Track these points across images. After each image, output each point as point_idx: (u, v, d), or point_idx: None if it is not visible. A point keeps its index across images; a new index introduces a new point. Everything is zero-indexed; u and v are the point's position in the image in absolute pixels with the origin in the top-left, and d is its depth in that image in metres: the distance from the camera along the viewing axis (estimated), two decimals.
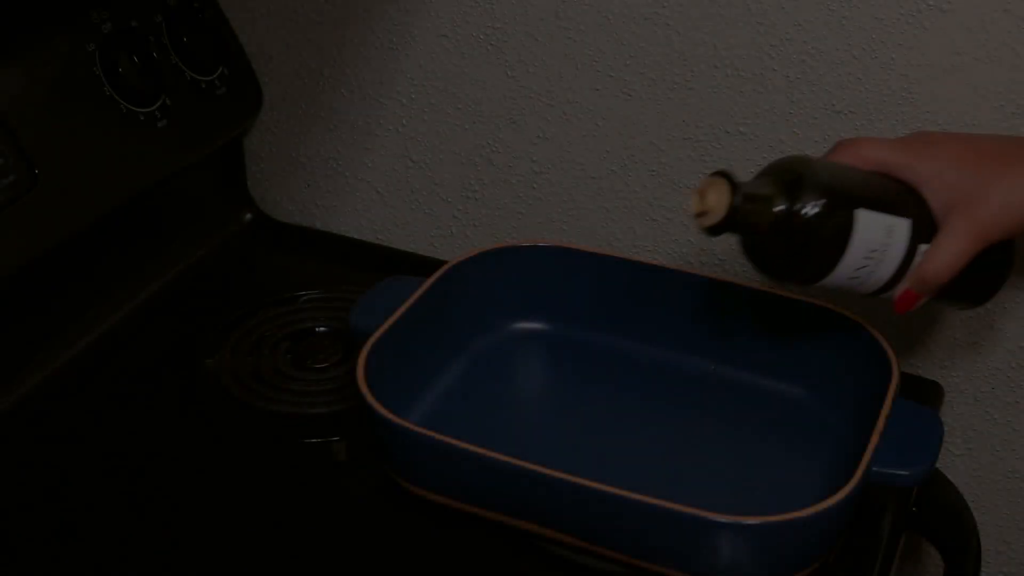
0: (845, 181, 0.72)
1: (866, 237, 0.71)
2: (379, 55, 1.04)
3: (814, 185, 0.71)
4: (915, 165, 0.73)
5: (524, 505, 0.76)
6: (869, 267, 0.73)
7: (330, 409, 0.90)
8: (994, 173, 0.71)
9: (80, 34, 0.91)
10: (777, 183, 0.72)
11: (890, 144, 0.74)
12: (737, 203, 0.70)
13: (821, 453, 0.84)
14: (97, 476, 0.85)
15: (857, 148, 0.74)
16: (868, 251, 0.72)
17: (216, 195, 1.12)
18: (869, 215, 0.71)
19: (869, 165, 0.74)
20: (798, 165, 0.72)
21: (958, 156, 0.72)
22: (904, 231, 0.72)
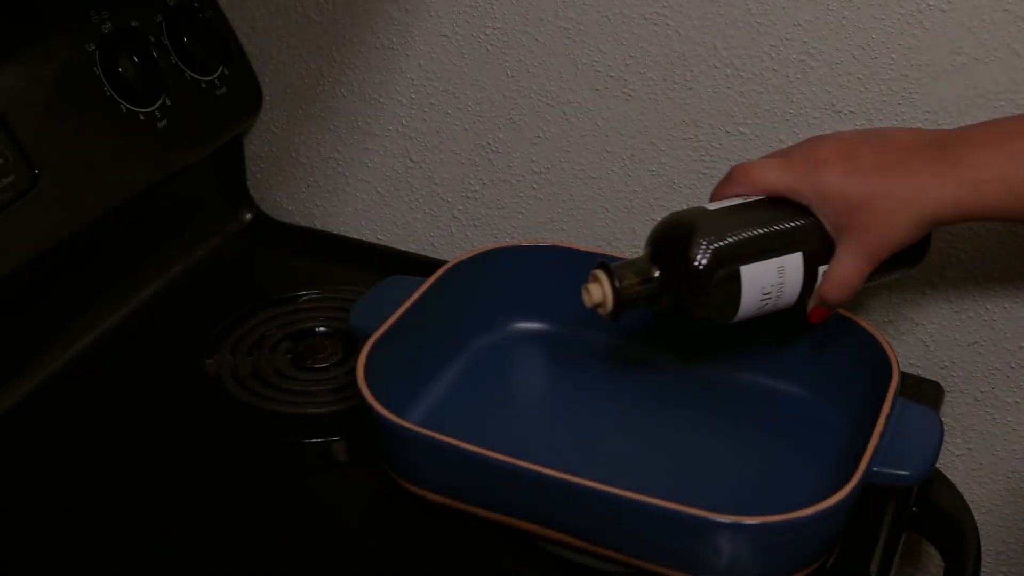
0: (727, 241, 0.74)
1: (756, 285, 0.74)
2: (379, 55, 1.04)
3: (692, 259, 0.74)
4: (801, 190, 0.74)
5: (524, 505, 0.76)
6: (771, 301, 0.76)
7: (330, 409, 0.90)
8: (876, 197, 0.71)
9: (80, 34, 0.91)
10: (656, 261, 0.75)
11: (778, 168, 0.74)
12: (620, 289, 0.75)
13: (821, 453, 0.84)
14: (97, 476, 0.85)
15: (749, 176, 0.75)
16: (762, 293, 0.75)
17: (216, 195, 1.12)
18: (753, 267, 0.74)
19: (761, 192, 0.75)
20: (677, 236, 0.75)
21: (841, 179, 0.72)
22: (796, 265, 0.75)
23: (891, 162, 0.71)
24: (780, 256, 0.74)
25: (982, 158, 0.70)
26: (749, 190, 0.76)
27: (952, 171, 0.70)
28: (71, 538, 0.80)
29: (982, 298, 0.93)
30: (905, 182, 0.71)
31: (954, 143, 0.71)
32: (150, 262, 1.04)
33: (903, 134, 0.74)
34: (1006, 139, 0.70)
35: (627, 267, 0.76)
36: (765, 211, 0.75)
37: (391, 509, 0.82)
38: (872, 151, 0.72)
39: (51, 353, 0.94)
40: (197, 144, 1.02)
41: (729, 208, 0.76)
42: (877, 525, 0.81)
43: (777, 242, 0.74)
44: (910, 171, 0.71)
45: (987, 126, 0.73)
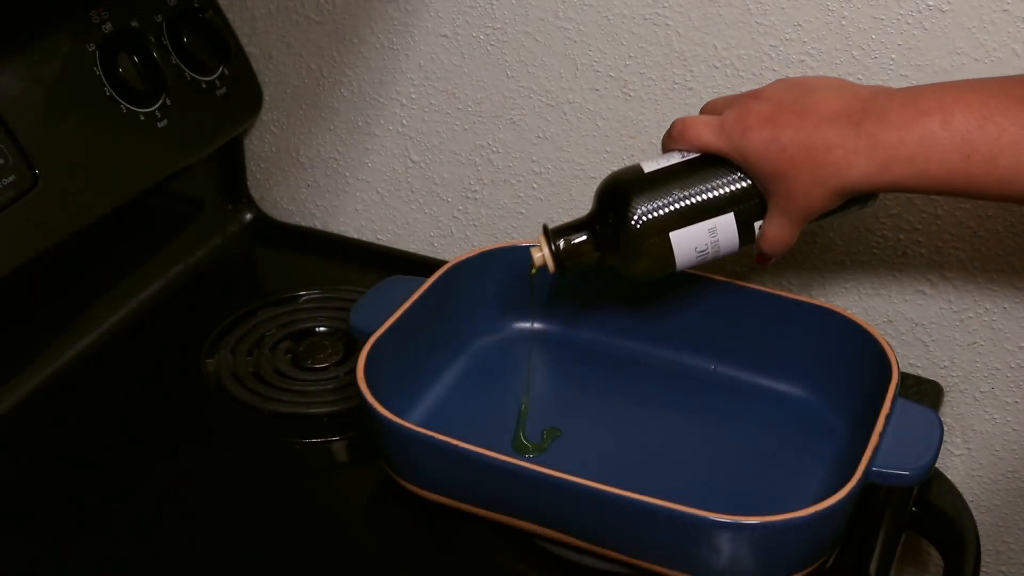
0: (657, 207, 0.77)
1: (688, 245, 0.78)
2: (379, 55, 1.04)
3: (623, 223, 0.78)
4: (731, 153, 0.76)
5: (524, 505, 0.76)
6: (709, 255, 0.79)
7: (330, 409, 0.90)
8: (793, 170, 0.74)
9: (80, 34, 0.91)
10: (592, 223, 0.80)
11: (712, 129, 0.77)
12: (557, 251, 0.80)
13: (821, 453, 0.84)
14: (97, 476, 0.85)
15: (686, 135, 0.78)
16: (696, 251, 0.79)
17: (216, 195, 1.12)
18: (682, 232, 0.78)
19: (697, 150, 0.78)
20: (612, 198, 0.79)
21: (762, 147, 0.74)
22: (728, 224, 0.78)
23: (808, 132, 0.73)
24: (711, 219, 0.77)
25: (894, 138, 0.71)
26: (686, 146, 0.79)
27: (865, 151, 0.72)
28: (71, 538, 0.80)
29: (982, 298, 0.93)
30: (819, 157, 0.73)
31: (871, 118, 0.72)
32: (150, 262, 1.04)
33: (828, 98, 0.74)
34: (921, 119, 0.71)
35: (565, 230, 0.81)
36: (698, 172, 0.78)
37: (391, 509, 0.82)
38: (794, 119, 0.74)
39: (51, 353, 0.94)
40: (197, 144, 1.02)
41: (664, 169, 0.79)
42: (877, 525, 0.81)
43: (707, 206, 0.77)
44: (825, 146, 0.72)
45: (908, 98, 0.73)
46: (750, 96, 0.77)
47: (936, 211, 0.91)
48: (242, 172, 1.14)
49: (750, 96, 0.77)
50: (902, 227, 0.92)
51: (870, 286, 0.96)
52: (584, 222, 0.81)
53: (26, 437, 0.89)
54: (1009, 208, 0.89)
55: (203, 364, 0.94)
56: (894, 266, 0.94)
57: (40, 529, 0.81)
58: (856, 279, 0.96)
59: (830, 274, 0.97)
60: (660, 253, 0.78)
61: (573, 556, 0.77)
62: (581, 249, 0.80)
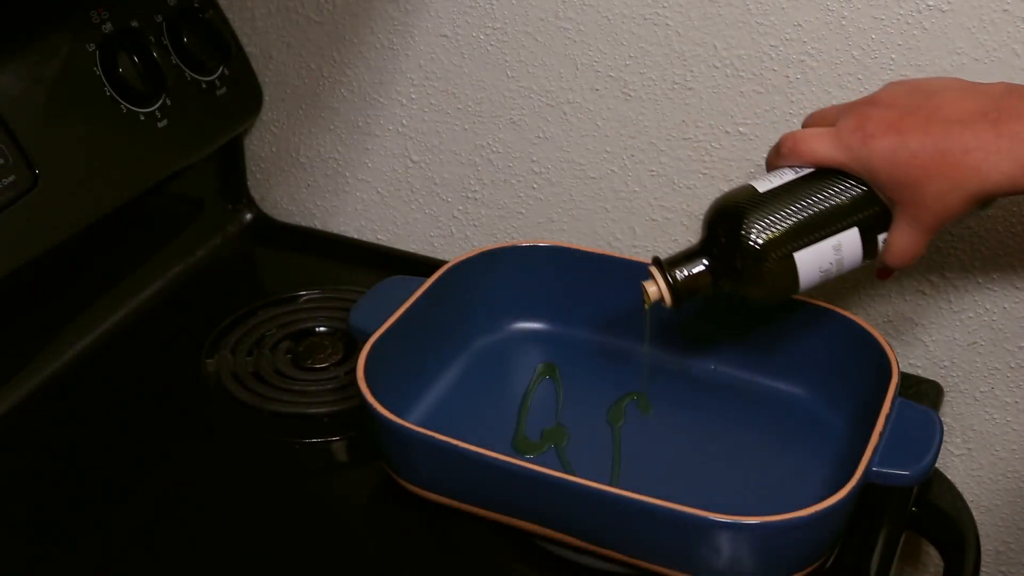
0: (779, 228, 0.74)
1: (813, 265, 0.74)
2: (379, 55, 1.04)
3: (743, 249, 0.74)
4: (851, 165, 0.73)
5: (524, 505, 0.76)
6: (832, 271, 0.75)
7: (330, 409, 0.90)
8: (927, 176, 0.70)
9: (80, 34, 0.91)
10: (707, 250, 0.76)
11: (828, 141, 0.74)
12: (674, 283, 0.77)
13: (821, 453, 0.84)
14: (97, 476, 0.85)
15: (798, 149, 0.75)
16: (820, 271, 0.75)
17: (216, 195, 1.12)
18: (807, 252, 0.74)
19: (811, 165, 0.75)
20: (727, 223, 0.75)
21: (890, 156, 0.71)
22: (852, 240, 0.75)
23: (940, 135, 0.70)
24: (835, 235, 0.74)
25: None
26: (799, 163, 0.75)
27: (1008, 150, 0.68)
28: (71, 538, 0.80)
29: (982, 298, 0.93)
30: (956, 161, 0.69)
31: (1010, 117, 0.69)
32: (150, 262, 1.04)
33: (954, 99, 0.71)
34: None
35: (679, 260, 0.77)
36: (817, 187, 0.74)
37: (391, 509, 0.82)
38: (922, 124, 0.70)
39: (51, 353, 0.94)
40: (197, 144, 1.02)
41: (780, 187, 0.75)
42: (877, 525, 0.81)
43: (830, 222, 0.74)
44: (962, 149, 0.69)
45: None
46: (865, 103, 0.74)
47: None
48: (242, 172, 1.14)
49: (865, 103, 0.74)
50: None
51: (870, 286, 0.96)
52: (698, 250, 0.77)
53: (26, 437, 0.89)
54: (1009, 208, 0.89)
55: (203, 364, 0.94)
56: None
57: (40, 529, 0.81)
58: (856, 279, 0.96)
59: None
60: (783, 275, 0.74)
61: (573, 556, 0.77)
62: (699, 280, 0.76)
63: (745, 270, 0.75)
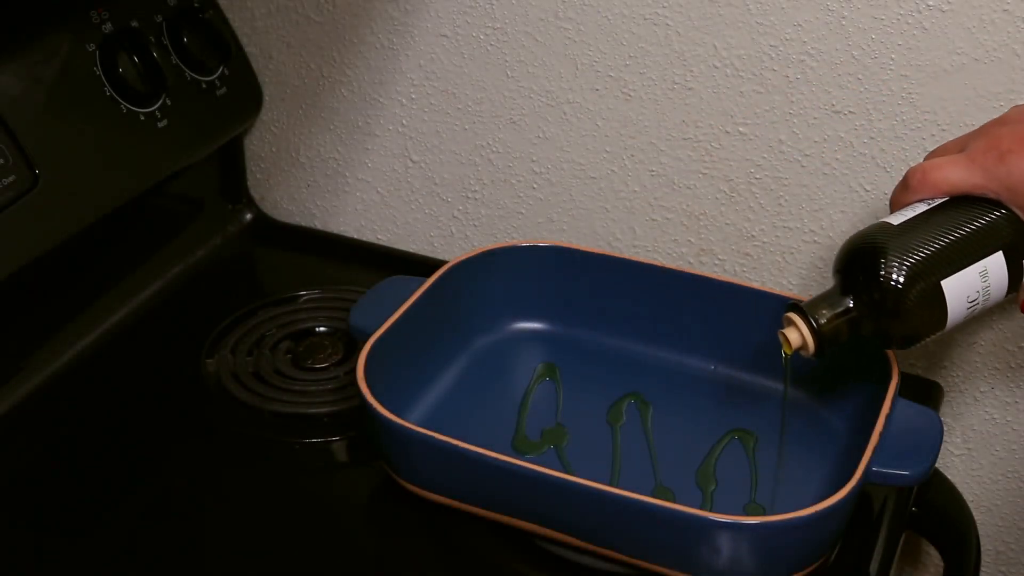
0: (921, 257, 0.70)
1: (961, 295, 0.71)
2: (379, 55, 1.04)
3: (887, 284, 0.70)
4: (988, 185, 0.70)
5: (524, 505, 0.76)
6: (979, 304, 0.72)
7: (330, 409, 0.90)
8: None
9: (80, 34, 0.91)
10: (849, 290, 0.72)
11: (960, 166, 0.71)
12: (819, 329, 0.72)
13: (821, 453, 0.84)
14: (97, 476, 0.85)
15: (928, 180, 0.72)
16: (968, 301, 0.71)
17: (216, 195, 1.12)
18: (954, 279, 0.70)
19: (944, 194, 0.72)
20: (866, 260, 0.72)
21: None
22: (998, 265, 0.71)
23: None
24: (980, 260, 0.71)
25: None
26: (931, 194, 0.72)
27: None
28: (71, 538, 0.80)
29: None
30: None
31: None
32: (150, 262, 1.04)
33: None
34: None
35: (820, 303, 0.73)
36: (954, 214, 0.71)
37: (391, 509, 0.82)
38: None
39: (51, 353, 0.94)
40: (197, 144, 1.02)
41: (915, 219, 0.72)
42: (877, 525, 0.81)
43: (974, 247, 0.71)
44: None
45: None
46: (994, 124, 0.72)
47: None
48: (242, 172, 1.14)
49: (994, 124, 0.72)
50: None
51: None
52: (838, 292, 0.73)
53: (26, 437, 0.89)
54: None
55: (203, 364, 0.94)
56: None
57: (40, 529, 0.81)
58: None
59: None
60: (929, 308, 0.71)
61: (573, 556, 0.77)
62: (844, 322, 0.72)
63: (889, 306, 0.71)
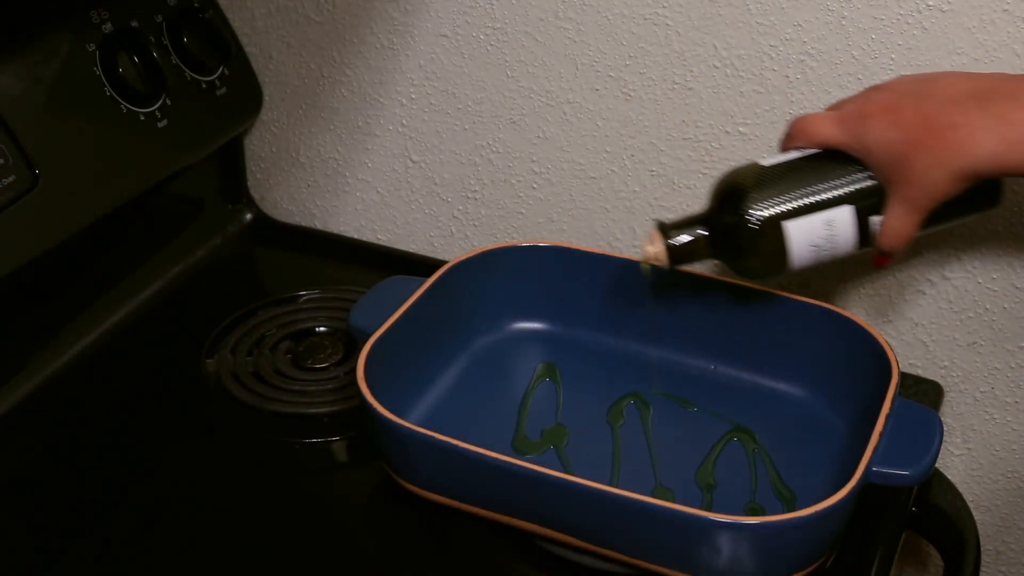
0: (771, 196, 0.77)
1: (803, 238, 0.77)
2: (379, 55, 1.04)
3: (737, 215, 0.77)
4: (851, 143, 0.75)
5: (524, 505, 0.76)
6: (826, 252, 0.78)
7: (330, 409, 0.90)
8: (914, 151, 0.72)
9: (80, 34, 0.91)
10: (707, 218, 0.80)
11: (830, 122, 0.76)
12: (673, 246, 0.80)
13: (821, 453, 0.84)
14: (97, 476, 0.85)
15: (804, 130, 0.78)
16: (811, 246, 0.77)
17: (216, 195, 1.12)
18: (797, 223, 0.76)
19: (816, 145, 0.77)
20: (727, 192, 0.79)
21: (882, 132, 0.73)
22: (845, 218, 0.76)
23: (932, 114, 0.72)
24: (828, 210, 0.76)
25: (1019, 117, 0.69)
26: (805, 143, 0.78)
27: (993, 128, 0.70)
28: (71, 538, 0.80)
29: (982, 298, 0.93)
30: (942, 136, 0.71)
31: (1000, 97, 0.70)
32: (150, 262, 1.04)
33: (952, 82, 0.73)
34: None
35: (680, 224, 0.80)
36: (817, 165, 0.77)
37: (391, 509, 0.82)
38: (915, 103, 0.73)
39: (51, 353, 0.94)
40: (197, 144, 1.02)
41: (782, 164, 0.78)
42: (877, 525, 0.81)
43: (824, 196, 0.76)
44: (949, 124, 0.71)
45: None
46: (871, 88, 0.77)
47: None
48: (242, 172, 1.14)
49: (871, 88, 0.77)
50: None
51: (870, 286, 0.96)
52: (698, 217, 0.80)
53: (26, 437, 0.89)
54: (1009, 208, 0.89)
55: (203, 364, 0.94)
56: (894, 266, 0.94)
57: (40, 529, 0.81)
58: (856, 279, 0.96)
59: (830, 274, 0.97)
60: (775, 246, 0.77)
61: (573, 556, 0.77)
62: (698, 244, 0.80)
63: (739, 237, 0.77)
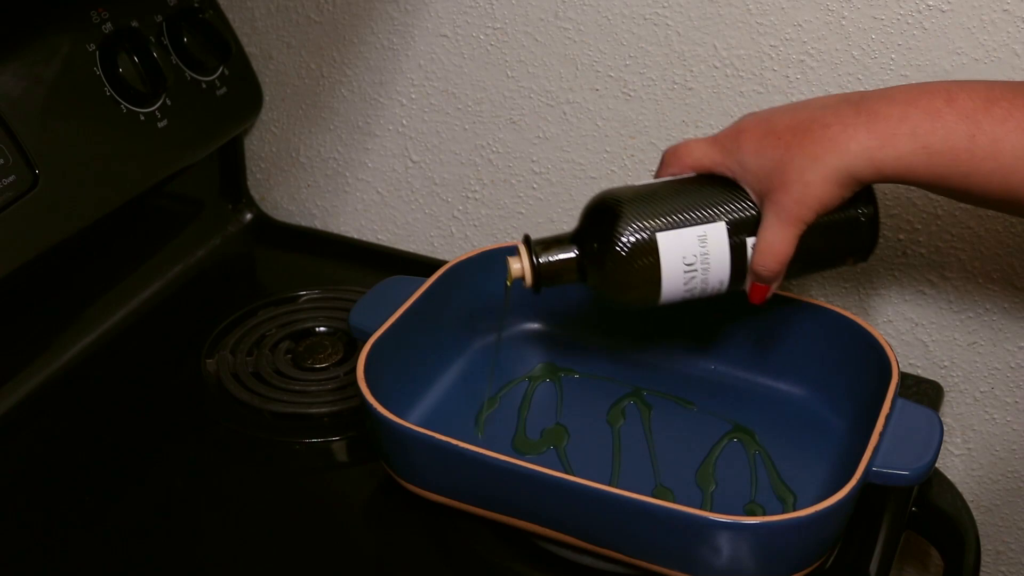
0: (643, 210, 0.75)
1: (677, 254, 0.74)
2: (379, 55, 1.04)
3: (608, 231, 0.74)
4: (726, 162, 0.74)
5: (524, 505, 0.76)
6: (697, 275, 0.75)
7: (330, 409, 0.90)
8: (788, 154, 0.71)
9: (80, 34, 0.91)
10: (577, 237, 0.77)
11: (704, 145, 0.76)
12: (537, 264, 0.77)
13: (821, 453, 0.84)
14: (97, 476, 0.85)
15: (677, 156, 0.77)
16: (685, 264, 0.74)
17: (216, 195, 1.12)
18: (670, 234, 0.74)
19: (690, 170, 0.77)
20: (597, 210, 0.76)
21: (757, 143, 0.73)
22: (719, 234, 0.74)
23: (804, 120, 0.71)
24: (701, 225, 0.74)
25: (897, 111, 0.69)
26: (679, 169, 0.77)
27: (865, 124, 0.69)
28: (71, 537, 0.80)
29: (982, 298, 0.93)
30: (815, 136, 0.70)
31: (873, 99, 0.70)
32: (150, 262, 1.04)
33: (825, 97, 0.74)
34: (925, 96, 0.69)
35: (548, 243, 0.77)
36: (691, 185, 0.76)
37: (391, 509, 0.82)
38: (788, 113, 0.73)
39: (51, 353, 0.94)
40: (197, 144, 1.02)
41: (655, 183, 0.77)
42: (877, 525, 0.82)
43: (698, 212, 0.74)
44: (822, 125, 0.70)
45: (911, 86, 0.71)
46: (742, 117, 0.76)
47: (936, 211, 0.91)
48: (242, 172, 1.14)
49: (742, 117, 0.76)
50: (902, 227, 0.92)
51: (870, 286, 0.96)
52: (568, 237, 0.78)
53: (26, 437, 0.89)
54: None
55: (203, 364, 0.94)
56: (894, 266, 0.94)
57: (40, 528, 0.81)
58: (856, 279, 0.96)
59: (830, 274, 0.97)
60: (647, 262, 0.74)
61: (573, 556, 0.77)
62: (564, 265, 0.77)
63: (609, 254, 0.74)
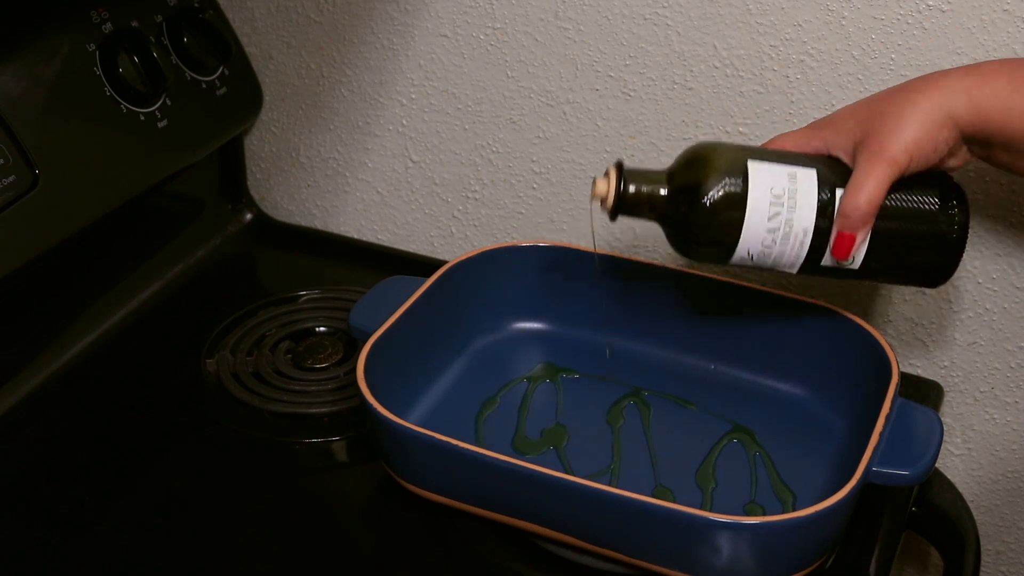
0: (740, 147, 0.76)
1: (765, 181, 0.73)
2: (379, 55, 1.04)
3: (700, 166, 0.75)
4: (820, 135, 0.76)
5: (524, 505, 0.76)
6: (783, 214, 0.74)
7: (330, 409, 0.90)
8: (885, 98, 0.74)
9: (80, 34, 0.91)
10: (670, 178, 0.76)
11: (798, 131, 0.78)
12: (623, 192, 0.75)
13: (821, 453, 0.84)
14: (97, 476, 0.85)
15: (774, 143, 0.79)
16: (773, 195, 0.73)
17: (216, 195, 1.12)
18: (762, 164, 0.74)
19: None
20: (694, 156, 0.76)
21: (850, 109, 0.76)
22: (810, 177, 0.74)
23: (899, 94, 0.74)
24: (793, 165, 0.75)
25: (993, 66, 0.73)
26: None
27: (963, 70, 0.73)
28: (71, 537, 0.80)
29: (982, 298, 0.93)
30: (912, 84, 0.74)
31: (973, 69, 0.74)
32: (150, 262, 1.04)
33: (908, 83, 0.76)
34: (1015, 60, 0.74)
35: (641, 173, 0.76)
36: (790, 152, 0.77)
37: (391, 509, 0.82)
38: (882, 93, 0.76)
39: (51, 353, 0.94)
40: (197, 144, 1.02)
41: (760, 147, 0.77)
42: (877, 525, 0.82)
43: (792, 158, 0.75)
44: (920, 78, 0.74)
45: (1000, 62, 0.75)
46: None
47: None
48: (242, 172, 1.14)
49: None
50: None
51: (870, 286, 0.96)
52: (663, 173, 0.76)
53: (26, 437, 0.89)
54: (1009, 208, 0.89)
55: (203, 364, 0.94)
56: None
57: (40, 528, 0.81)
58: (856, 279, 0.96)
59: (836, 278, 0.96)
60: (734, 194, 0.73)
61: (573, 556, 0.77)
62: (649, 199, 0.76)
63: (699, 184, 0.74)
